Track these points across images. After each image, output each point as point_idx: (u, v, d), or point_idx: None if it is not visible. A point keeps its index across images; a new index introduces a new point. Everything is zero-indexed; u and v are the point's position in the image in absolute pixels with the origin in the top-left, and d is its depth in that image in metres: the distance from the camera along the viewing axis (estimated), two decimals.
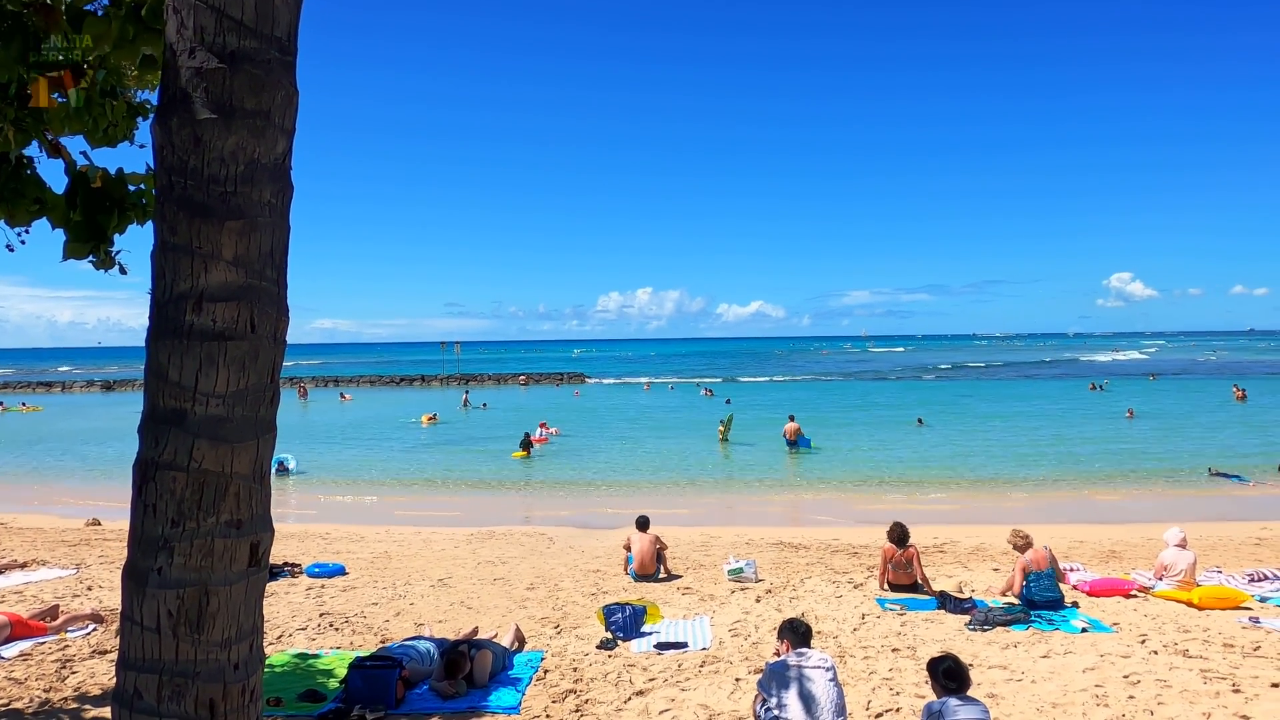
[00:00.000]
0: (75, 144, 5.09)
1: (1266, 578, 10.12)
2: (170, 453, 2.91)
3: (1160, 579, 9.79)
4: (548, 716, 6.29)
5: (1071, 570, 10.52)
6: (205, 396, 2.92)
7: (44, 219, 5.03)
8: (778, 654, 5.70)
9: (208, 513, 2.93)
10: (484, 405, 45.66)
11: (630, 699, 6.62)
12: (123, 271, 5.20)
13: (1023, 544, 9.42)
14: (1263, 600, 9.40)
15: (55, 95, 4.48)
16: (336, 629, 8.82)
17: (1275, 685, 6.48)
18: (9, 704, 6.45)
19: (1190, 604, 9.15)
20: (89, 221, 4.89)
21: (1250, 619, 8.52)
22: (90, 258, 5.05)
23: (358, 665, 6.56)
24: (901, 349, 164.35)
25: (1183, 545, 9.85)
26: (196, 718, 2.87)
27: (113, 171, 4.94)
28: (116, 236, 5.09)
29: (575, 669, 7.38)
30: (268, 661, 7.52)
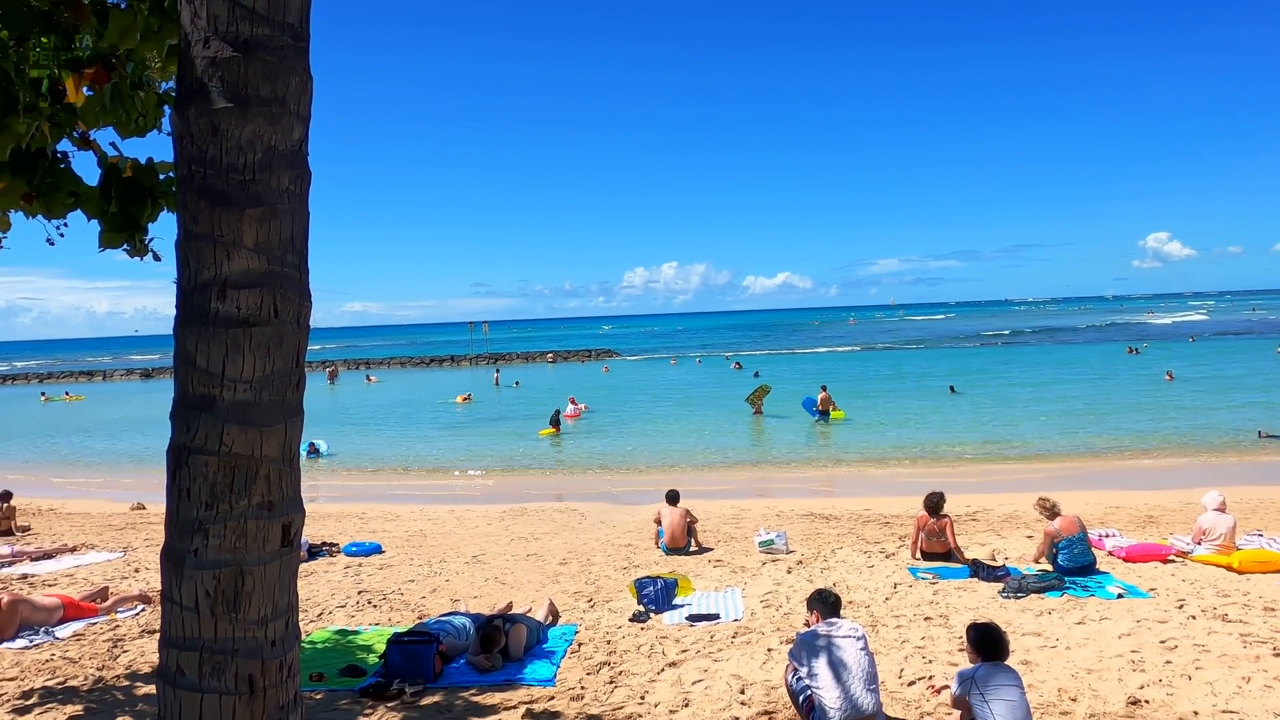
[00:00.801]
0: (103, 135, 5.18)
1: None
2: (201, 438, 2.98)
3: (1199, 543, 9.64)
4: (583, 688, 6.38)
5: (1107, 536, 10.40)
6: (233, 382, 2.97)
7: (78, 211, 5.14)
8: (808, 624, 5.72)
9: (239, 495, 3.00)
10: (516, 383, 46.09)
11: (663, 670, 6.70)
12: (156, 258, 5.30)
13: (1050, 511, 9.32)
14: None
15: (85, 90, 4.56)
16: (375, 606, 9.00)
17: None
18: (65, 681, 6.70)
19: (1230, 568, 9.00)
20: (123, 211, 4.99)
21: None
22: (125, 246, 5.16)
23: (396, 641, 6.70)
24: (941, 316, 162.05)
25: (1222, 509, 9.68)
26: (237, 693, 2.95)
27: (141, 161, 5.02)
28: (150, 225, 5.19)
29: (609, 641, 7.47)
30: (309, 638, 7.72)
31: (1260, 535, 10.35)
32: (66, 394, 52.95)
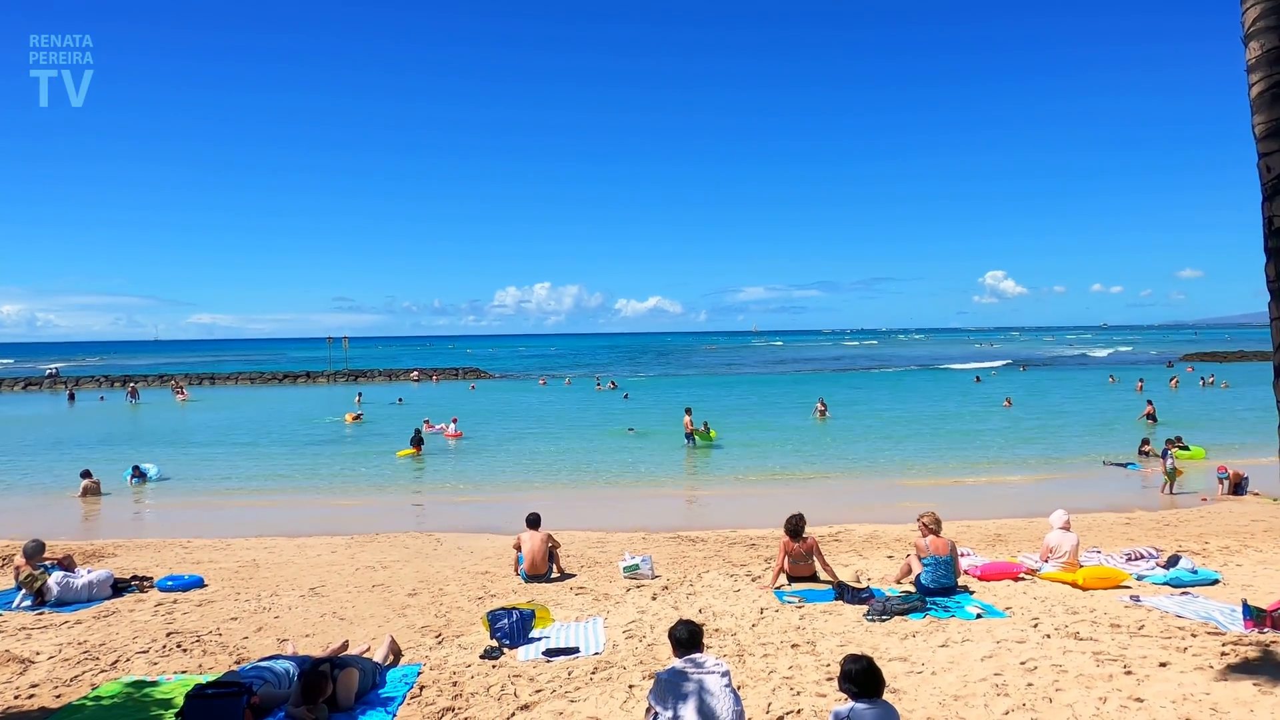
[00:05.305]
0: None
1: (1142, 556, 10.44)
2: None
3: (1046, 561, 9.93)
4: None
5: (964, 555, 10.58)
6: None
7: None
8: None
9: None
10: (399, 400, 44.38)
11: (514, 714, 6.05)
12: None
13: (933, 527, 9.31)
14: (1140, 578, 9.68)
15: None
16: (185, 650, 7.84)
17: (1163, 665, 6.50)
18: None
19: (1075, 585, 9.28)
20: None
21: (1131, 597, 8.69)
22: None
23: (197, 694, 5.71)
24: (835, 341, 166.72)
25: (1066, 527, 10.04)
26: None
27: None
28: None
29: (455, 683, 6.74)
30: (95, 692, 6.56)
31: (1098, 552, 10.83)
32: None
